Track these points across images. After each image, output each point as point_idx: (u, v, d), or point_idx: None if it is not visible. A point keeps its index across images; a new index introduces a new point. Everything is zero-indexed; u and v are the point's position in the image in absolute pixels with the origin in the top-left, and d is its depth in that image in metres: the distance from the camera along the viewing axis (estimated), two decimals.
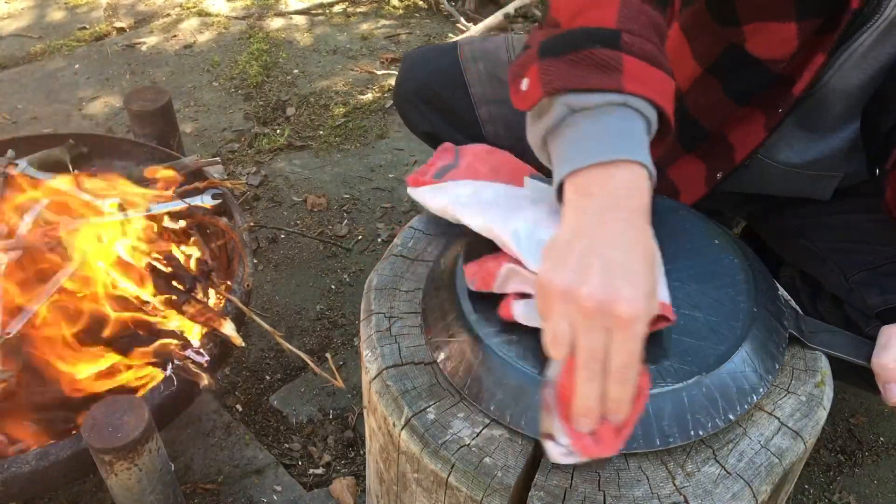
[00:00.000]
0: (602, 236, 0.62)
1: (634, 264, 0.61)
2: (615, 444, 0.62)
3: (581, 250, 0.61)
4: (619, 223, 0.63)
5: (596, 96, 0.67)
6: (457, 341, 0.73)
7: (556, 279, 0.61)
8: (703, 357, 0.69)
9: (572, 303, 0.60)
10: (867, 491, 1.38)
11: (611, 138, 0.66)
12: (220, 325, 1.19)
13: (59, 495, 1.28)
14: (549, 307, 0.62)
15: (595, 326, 0.59)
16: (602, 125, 0.67)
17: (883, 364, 0.76)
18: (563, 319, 0.61)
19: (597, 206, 0.64)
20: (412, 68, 1.30)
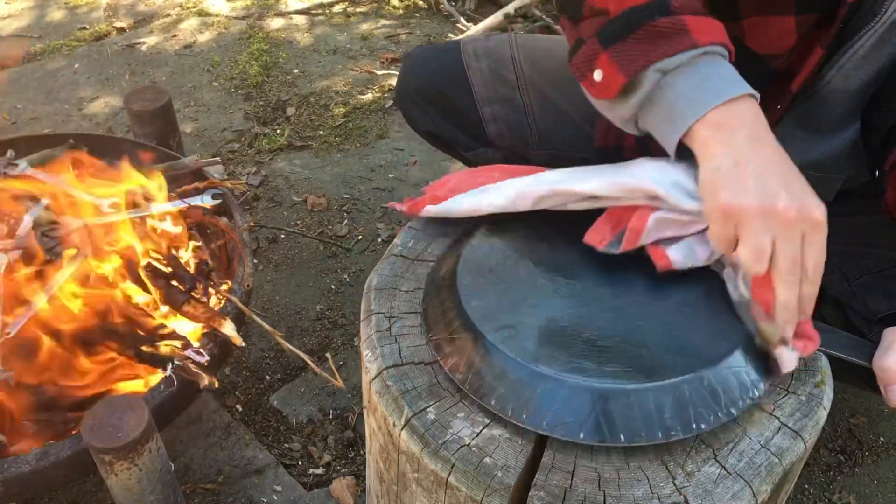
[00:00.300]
0: (763, 159, 0.70)
1: (800, 177, 0.70)
2: (815, 334, 0.72)
3: (753, 174, 0.69)
4: (768, 146, 0.71)
5: (680, 56, 0.73)
6: (458, 338, 0.73)
7: (748, 202, 0.68)
8: (704, 352, 0.70)
9: (772, 217, 0.67)
10: (867, 491, 1.38)
11: (717, 82, 0.73)
12: (220, 325, 1.19)
13: (59, 495, 1.28)
14: (746, 227, 0.68)
15: (795, 235, 0.67)
16: (701, 75, 0.73)
17: (885, 366, 0.76)
18: (765, 234, 0.67)
19: (742, 136, 0.70)
20: (414, 67, 1.30)
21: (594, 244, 0.78)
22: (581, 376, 0.67)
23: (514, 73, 1.23)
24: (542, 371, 0.68)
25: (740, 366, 0.70)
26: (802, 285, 0.68)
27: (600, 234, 0.79)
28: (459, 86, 1.24)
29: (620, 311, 0.74)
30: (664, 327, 0.72)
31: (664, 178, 0.75)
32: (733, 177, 0.69)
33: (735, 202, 0.68)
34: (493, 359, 0.70)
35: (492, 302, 0.75)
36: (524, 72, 1.23)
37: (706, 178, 0.71)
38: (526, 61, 1.23)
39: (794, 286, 0.68)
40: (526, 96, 1.23)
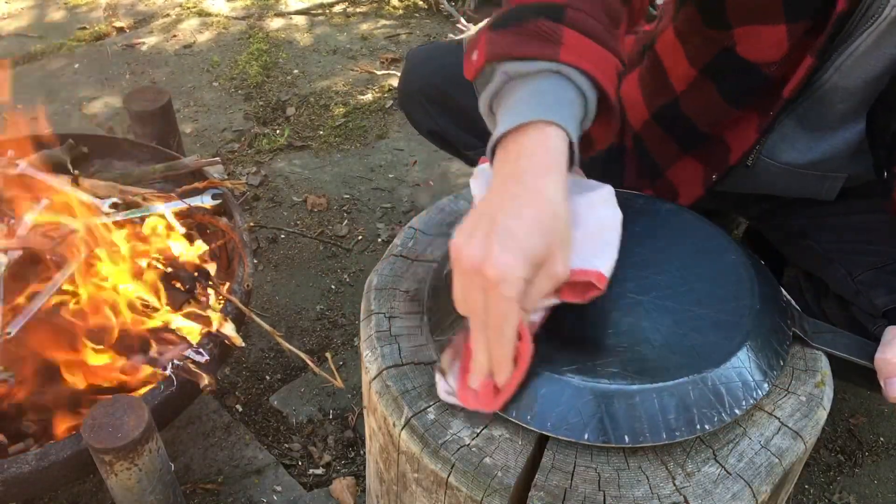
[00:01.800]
0: (498, 201, 0.65)
1: (517, 228, 0.62)
2: (492, 403, 0.67)
3: (478, 214, 0.65)
4: (515, 187, 0.64)
5: (531, 64, 0.70)
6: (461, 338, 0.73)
7: (454, 239, 0.65)
8: (707, 353, 0.70)
9: (456, 261, 0.64)
10: (867, 491, 1.38)
11: (534, 103, 0.68)
12: (220, 325, 1.19)
13: (59, 495, 1.28)
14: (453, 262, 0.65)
15: (472, 286, 0.63)
16: (533, 90, 0.69)
17: (886, 359, 0.76)
18: (458, 280, 0.65)
19: (506, 170, 0.66)
20: (417, 66, 1.30)
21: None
22: (585, 377, 0.67)
23: None
24: (546, 372, 0.68)
25: (744, 366, 0.70)
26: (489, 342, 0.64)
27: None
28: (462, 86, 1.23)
29: (625, 311, 0.74)
30: (668, 328, 0.72)
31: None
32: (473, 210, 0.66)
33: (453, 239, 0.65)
34: None
35: None
36: None
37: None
38: None
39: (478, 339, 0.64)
40: None
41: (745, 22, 0.90)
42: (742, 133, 1.01)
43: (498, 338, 0.63)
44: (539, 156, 0.66)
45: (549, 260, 0.63)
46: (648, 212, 0.87)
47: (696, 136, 1.06)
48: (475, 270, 0.62)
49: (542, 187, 0.65)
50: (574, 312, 0.74)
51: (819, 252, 1.11)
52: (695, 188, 1.09)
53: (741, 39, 0.92)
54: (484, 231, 0.62)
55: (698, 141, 1.07)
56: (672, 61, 1.04)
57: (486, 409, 0.68)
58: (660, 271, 0.79)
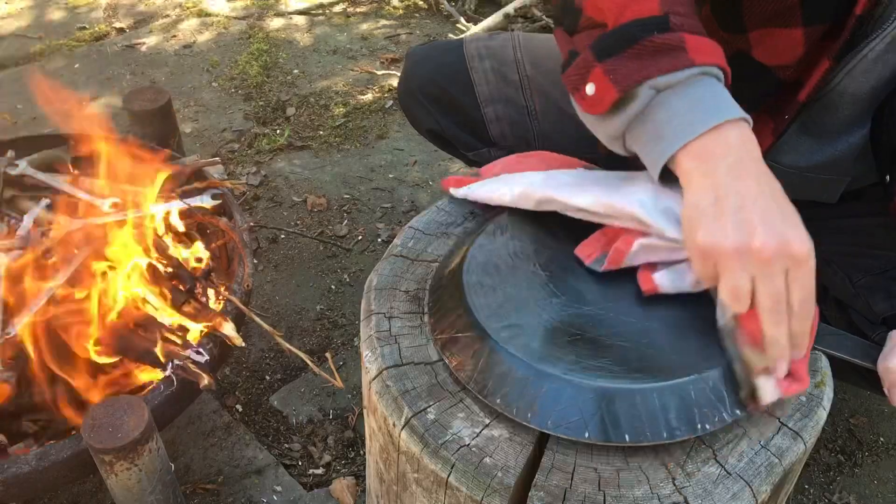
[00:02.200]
0: (745, 191, 0.66)
1: (785, 208, 0.67)
2: (806, 377, 0.69)
3: (732, 208, 0.66)
4: (751, 178, 0.68)
5: (677, 74, 0.70)
6: (463, 336, 0.73)
7: (723, 241, 0.65)
8: (709, 353, 0.70)
9: (748, 257, 0.64)
10: (867, 491, 1.38)
11: (708, 105, 0.70)
12: (220, 325, 1.19)
13: (59, 495, 1.28)
14: (723, 267, 0.66)
15: (775, 272, 0.64)
16: (693, 97, 0.70)
17: (889, 367, 0.75)
18: (742, 274, 0.65)
19: (725, 166, 0.68)
20: (417, 65, 1.30)
21: (582, 257, 0.79)
22: (586, 376, 0.67)
23: (517, 73, 1.23)
24: (548, 370, 0.68)
25: None
26: (791, 321, 0.65)
27: (590, 248, 0.79)
28: (462, 85, 1.24)
29: (626, 311, 0.74)
30: (670, 327, 0.72)
31: (654, 204, 0.74)
32: (711, 214, 0.66)
33: (710, 242, 0.66)
34: (498, 358, 0.70)
35: (498, 301, 0.75)
36: (527, 72, 1.23)
37: (686, 214, 0.69)
38: (528, 62, 1.23)
39: (781, 324, 0.65)
40: (528, 97, 1.23)
41: (761, 25, 0.90)
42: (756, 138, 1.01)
43: (804, 314, 0.66)
44: (755, 150, 0.70)
45: None
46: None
47: None
48: (780, 254, 0.64)
49: (771, 174, 0.69)
50: (576, 311, 0.74)
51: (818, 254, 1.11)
52: None
53: (757, 43, 0.91)
54: (760, 219, 0.65)
55: None
56: None
57: (805, 387, 0.68)
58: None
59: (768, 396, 0.67)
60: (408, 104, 1.33)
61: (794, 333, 0.66)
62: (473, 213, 0.93)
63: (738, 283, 0.65)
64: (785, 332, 0.65)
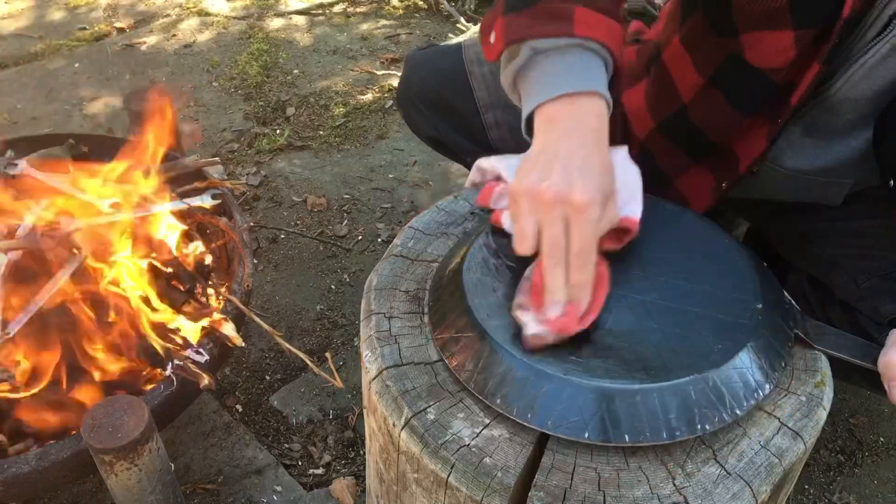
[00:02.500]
0: (563, 148, 0.72)
1: (590, 167, 0.71)
2: (576, 324, 0.70)
3: (545, 160, 0.72)
4: (578, 139, 0.73)
5: (554, 40, 0.77)
6: (463, 336, 0.73)
7: (522, 182, 0.71)
8: (710, 353, 0.70)
9: (535, 198, 0.69)
10: (867, 491, 1.38)
11: (572, 74, 0.76)
12: (220, 325, 1.19)
13: (59, 495, 1.28)
14: (517, 209, 0.71)
15: (555, 217, 0.68)
16: (563, 63, 0.77)
17: (889, 363, 0.75)
18: (529, 216, 0.70)
19: (561, 128, 0.74)
20: (416, 71, 1.29)
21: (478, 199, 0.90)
22: (586, 376, 0.68)
23: None
24: (547, 370, 0.68)
25: (745, 367, 0.70)
26: (569, 271, 0.69)
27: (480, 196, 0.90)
28: (461, 91, 1.23)
29: (627, 311, 0.74)
30: (670, 328, 0.72)
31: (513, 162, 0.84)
32: (530, 162, 0.73)
33: (516, 183, 0.72)
34: (498, 358, 0.70)
35: (498, 301, 0.75)
36: None
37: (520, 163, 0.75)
38: None
39: (557, 266, 0.69)
40: None
41: (751, 28, 0.90)
42: (751, 141, 1.00)
43: (584, 262, 0.69)
44: (596, 122, 0.75)
45: (609, 203, 0.71)
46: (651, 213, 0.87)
47: (705, 144, 1.05)
48: (560, 200, 0.68)
49: (602, 145, 0.74)
50: None
51: (823, 257, 1.11)
52: (705, 197, 1.08)
53: (748, 45, 0.92)
54: (560, 168, 0.69)
55: (707, 150, 1.06)
56: (679, 70, 1.04)
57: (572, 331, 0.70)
58: (662, 272, 0.79)
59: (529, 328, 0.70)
60: (407, 111, 1.33)
61: (572, 282, 0.69)
62: (473, 213, 0.93)
63: (523, 225, 0.70)
64: (559, 279, 0.69)
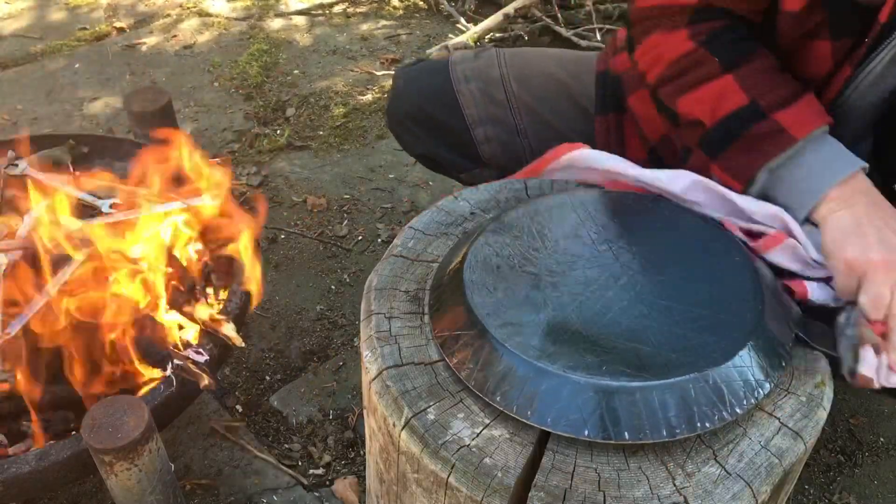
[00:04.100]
0: (882, 220, 0.80)
1: None
2: None
3: (874, 231, 0.79)
4: (887, 209, 0.81)
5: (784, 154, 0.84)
6: (463, 334, 0.73)
7: (870, 254, 0.77)
8: (710, 352, 0.70)
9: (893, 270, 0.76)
10: (867, 491, 1.38)
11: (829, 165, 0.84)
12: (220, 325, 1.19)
13: (59, 495, 1.28)
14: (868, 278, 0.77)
15: None
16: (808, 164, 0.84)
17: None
18: (885, 285, 0.76)
19: (864, 201, 0.81)
20: (405, 90, 1.28)
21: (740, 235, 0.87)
22: (586, 374, 0.68)
23: (504, 92, 1.22)
24: (548, 368, 0.68)
25: (745, 365, 0.70)
26: None
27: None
28: (450, 109, 1.23)
29: (626, 309, 0.75)
30: (670, 326, 0.73)
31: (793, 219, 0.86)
32: (857, 235, 0.79)
33: (859, 256, 0.77)
34: (498, 356, 0.70)
35: (498, 299, 0.75)
36: (514, 91, 1.22)
37: (832, 237, 0.81)
38: (515, 80, 1.22)
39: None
40: (517, 115, 1.22)
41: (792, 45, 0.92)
42: None
43: None
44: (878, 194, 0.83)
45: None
46: (652, 212, 0.87)
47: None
48: None
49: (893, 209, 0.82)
50: (577, 310, 0.74)
51: None
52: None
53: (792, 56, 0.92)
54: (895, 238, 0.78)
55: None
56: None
57: None
58: (663, 271, 0.79)
59: (866, 368, 0.75)
60: (398, 131, 1.32)
61: None
62: (473, 213, 0.93)
63: (880, 291, 0.76)
64: None
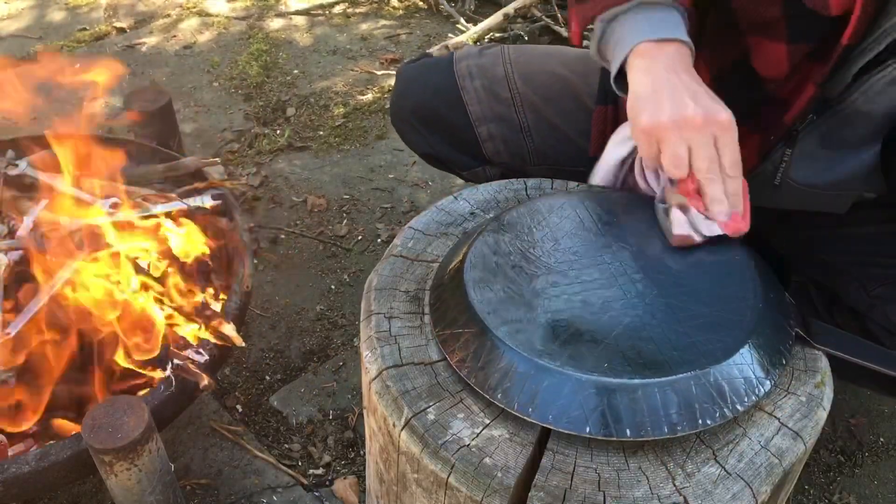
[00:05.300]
0: (678, 81, 0.79)
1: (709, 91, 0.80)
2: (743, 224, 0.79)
3: (668, 93, 0.79)
4: (684, 74, 0.81)
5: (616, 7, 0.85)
6: (465, 332, 0.73)
7: (661, 117, 0.77)
8: (710, 350, 0.70)
9: (683, 127, 0.76)
10: (867, 491, 1.38)
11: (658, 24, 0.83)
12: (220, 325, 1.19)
13: (59, 495, 1.28)
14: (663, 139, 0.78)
15: (706, 138, 0.76)
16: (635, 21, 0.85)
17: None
18: (679, 143, 0.77)
19: (661, 65, 0.81)
20: (408, 86, 1.28)
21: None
22: (587, 371, 0.68)
23: (509, 90, 1.22)
24: (549, 365, 0.68)
25: (746, 363, 0.70)
26: (725, 182, 0.77)
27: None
28: (454, 106, 1.23)
29: (628, 306, 0.75)
30: (671, 324, 0.73)
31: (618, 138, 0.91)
32: (651, 100, 0.79)
33: (652, 120, 0.78)
34: (499, 353, 0.70)
35: (499, 296, 0.75)
36: (518, 88, 1.22)
37: (630, 105, 0.81)
38: (519, 77, 1.22)
39: (716, 182, 0.77)
40: (521, 113, 1.22)
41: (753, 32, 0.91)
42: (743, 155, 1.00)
43: (737, 171, 0.78)
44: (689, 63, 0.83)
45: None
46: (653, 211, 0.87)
47: None
48: (709, 122, 0.76)
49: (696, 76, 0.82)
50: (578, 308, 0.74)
51: (831, 263, 1.10)
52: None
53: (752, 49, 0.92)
54: (691, 96, 0.78)
55: None
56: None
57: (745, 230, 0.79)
58: (664, 269, 0.79)
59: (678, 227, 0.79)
60: (401, 129, 1.32)
61: (730, 192, 0.77)
62: (473, 213, 0.93)
63: (676, 150, 0.77)
64: (721, 189, 0.77)
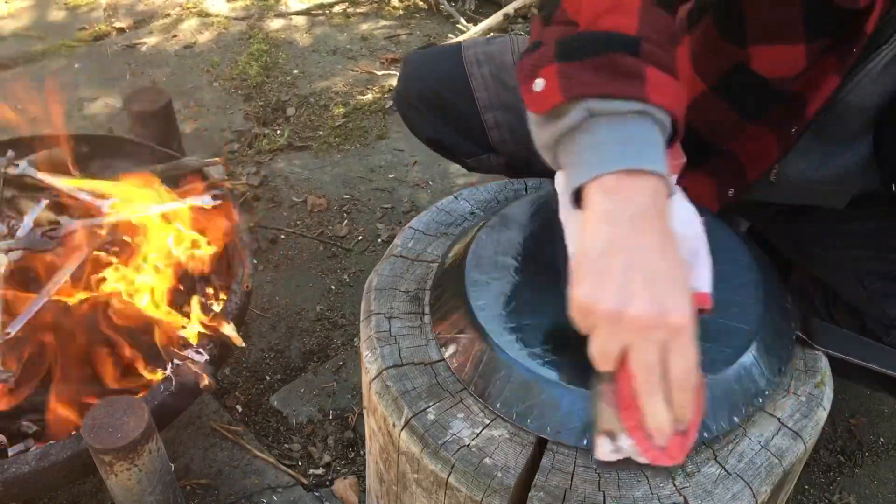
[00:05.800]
0: (636, 249, 0.62)
1: (674, 272, 0.62)
2: (682, 453, 0.64)
3: (619, 270, 0.61)
4: (652, 232, 0.63)
5: (619, 103, 0.66)
6: (464, 337, 0.73)
7: (600, 303, 0.61)
8: (710, 359, 0.69)
9: (622, 324, 0.60)
10: (867, 491, 1.38)
11: (634, 146, 0.65)
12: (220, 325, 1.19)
13: (59, 495, 1.28)
14: (595, 328, 0.62)
15: (649, 342, 0.60)
16: (624, 132, 0.66)
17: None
18: (611, 339, 0.61)
19: (628, 215, 0.63)
20: (415, 72, 1.28)
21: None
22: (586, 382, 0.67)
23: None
24: (548, 376, 0.68)
25: (750, 369, 0.70)
26: (672, 392, 0.61)
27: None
28: (461, 92, 1.22)
29: None
30: None
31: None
32: (596, 273, 0.62)
33: (589, 301, 0.62)
34: (499, 361, 0.70)
35: (500, 302, 0.75)
36: None
37: (576, 259, 0.65)
38: None
39: (656, 394, 0.61)
40: None
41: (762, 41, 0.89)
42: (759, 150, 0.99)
43: (685, 386, 0.61)
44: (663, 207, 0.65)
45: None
46: None
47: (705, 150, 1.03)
48: (656, 325, 0.60)
49: (672, 234, 0.64)
50: None
51: (828, 259, 1.10)
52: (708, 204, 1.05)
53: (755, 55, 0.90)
54: (643, 283, 0.61)
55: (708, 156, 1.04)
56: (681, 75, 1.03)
57: (679, 461, 0.64)
58: None
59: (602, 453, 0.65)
60: (406, 113, 1.32)
61: (675, 405, 0.62)
62: (474, 213, 0.93)
63: (605, 347, 0.62)
64: (660, 402, 0.61)
